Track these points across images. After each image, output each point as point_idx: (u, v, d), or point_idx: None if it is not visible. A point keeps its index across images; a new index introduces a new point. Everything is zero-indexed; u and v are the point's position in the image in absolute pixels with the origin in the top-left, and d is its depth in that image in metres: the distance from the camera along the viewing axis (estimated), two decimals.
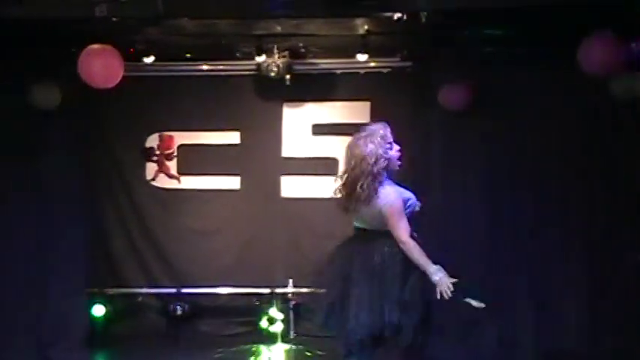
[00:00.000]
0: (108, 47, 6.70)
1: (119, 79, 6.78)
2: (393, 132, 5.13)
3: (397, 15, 6.46)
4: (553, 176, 7.31)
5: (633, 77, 6.46)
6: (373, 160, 4.99)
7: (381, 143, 5.03)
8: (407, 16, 6.45)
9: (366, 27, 6.95)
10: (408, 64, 7.78)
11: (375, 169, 5.00)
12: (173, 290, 8.07)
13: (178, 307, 7.99)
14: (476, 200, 7.46)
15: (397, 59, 7.83)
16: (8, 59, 7.16)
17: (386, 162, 5.03)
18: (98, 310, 7.89)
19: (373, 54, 7.48)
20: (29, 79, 7.26)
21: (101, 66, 6.68)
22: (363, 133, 5.10)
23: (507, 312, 7.30)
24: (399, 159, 5.14)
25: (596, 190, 7.19)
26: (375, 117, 7.92)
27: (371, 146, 5.01)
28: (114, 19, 6.41)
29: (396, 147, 5.12)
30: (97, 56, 6.68)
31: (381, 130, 5.09)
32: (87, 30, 6.70)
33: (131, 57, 7.17)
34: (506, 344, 7.24)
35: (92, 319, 7.87)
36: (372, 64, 7.82)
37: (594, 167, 7.19)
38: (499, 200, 7.44)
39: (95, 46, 6.67)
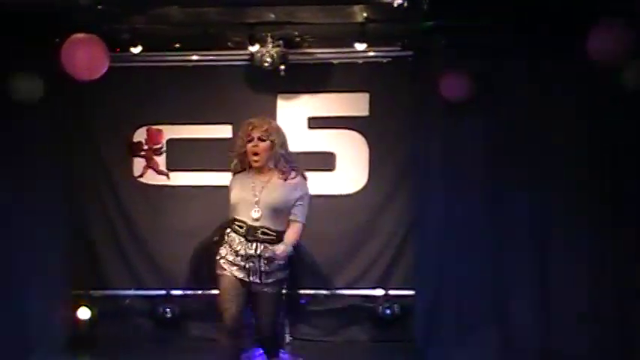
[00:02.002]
0: (93, 37, 6.67)
1: (104, 70, 6.74)
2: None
3: (397, 2, 6.50)
4: (557, 171, 7.31)
5: None
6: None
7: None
8: (408, 3, 6.48)
9: (364, 14, 6.98)
10: (409, 53, 7.80)
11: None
12: (162, 292, 8.06)
13: (167, 309, 7.99)
14: (478, 196, 7.47)
15: (397, 48, 7.86)
16: None
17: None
18: (82, 313, 7.90)
19: (372, 43, 7.52)
20: (10, 71, 7.22)
21: (86, 57, 6.63)
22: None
23: (511, 313, 7.34)
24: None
25: (603, 186, 7.17)
26: (374, 109, 8.02)
27: None
28: (99, 7, 6.44)
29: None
30: (82, 46, 6.63)
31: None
32: (70, 19, 6.71)
33: (117, 47, 7.14)
34: (509, 347, 7.27)
35: (76, 322, 7.88)
36: (371, 54, 7.86)
37: (601, 161, 7.18)
38: (502, 196, 7.45)
39: (79, 35, 6.63)
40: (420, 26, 7.21)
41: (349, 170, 8.15)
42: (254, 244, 5.46)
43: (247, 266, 5.46)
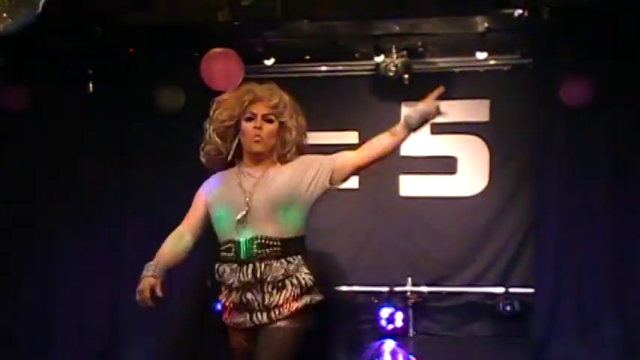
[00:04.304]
0: (229, 51, 7.08)
1: (239, 81, 7.02)
2: None
3: (518, 11, 6.61)
4: None
5: None
6: None
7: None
8: (528, 12, 6.60)
9: (485, 24, 7.19)
10: (529, 60, 7.91)
11: None
12: None
13: None
14: (601, 206, 7.45)
15: (517, 56, 8.04)
16: (130, 64, 7.66)
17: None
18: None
19: (493, 51, 7.73)
20: (152, 84, 7.70)
21: (222, 69, 7.00)
22: None
23: (634, 312, 7.29)
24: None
25: None
26: (495, 115, 8.15)
27: None
28: (235, 23, 6.85)
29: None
30: (219, 59, 7.01)
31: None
32: (209, 34, 7.16)
33: (251, 60, 7.48)
34: (632, 346, 7.21)
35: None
36: (492, 62, 8.07)
37: None
38: (626, 208, 7.37)
39: (217, 49, 7.05)
40: (539, 33, 7.25)
41: (470, 174, 8.39)
42: (249, 267, 3.65)
43: (245, 300, 3.65)
